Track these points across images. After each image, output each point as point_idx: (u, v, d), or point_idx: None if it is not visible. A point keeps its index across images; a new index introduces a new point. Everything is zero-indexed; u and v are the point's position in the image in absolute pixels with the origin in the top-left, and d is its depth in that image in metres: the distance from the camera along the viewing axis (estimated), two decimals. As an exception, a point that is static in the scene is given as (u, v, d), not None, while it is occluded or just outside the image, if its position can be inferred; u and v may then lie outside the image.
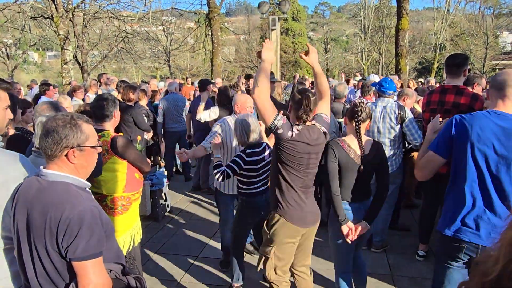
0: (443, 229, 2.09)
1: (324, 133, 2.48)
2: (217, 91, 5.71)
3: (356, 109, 2.57)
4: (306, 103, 2.37)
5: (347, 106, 5.24)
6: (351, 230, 2.56)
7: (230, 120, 3.54)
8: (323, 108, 2.60)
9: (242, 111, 3.45)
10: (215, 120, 4.95)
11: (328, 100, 2.64)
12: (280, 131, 2.30)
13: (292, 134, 2.33)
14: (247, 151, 2.95)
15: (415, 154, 4.43)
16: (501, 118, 1.97)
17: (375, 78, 7.02)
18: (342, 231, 2.56)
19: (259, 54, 2.40)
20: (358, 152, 2.58)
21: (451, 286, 2.11)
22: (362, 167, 2.57)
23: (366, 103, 2.59)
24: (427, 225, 3.88)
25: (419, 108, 4.85)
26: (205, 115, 5.05)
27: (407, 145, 4.15)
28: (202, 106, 5.15)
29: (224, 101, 5.06)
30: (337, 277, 2.84)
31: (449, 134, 2.09)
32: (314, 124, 2.46)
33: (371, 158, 2.60)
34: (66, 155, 1.52)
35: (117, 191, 2.65)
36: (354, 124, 2.59)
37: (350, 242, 2.59)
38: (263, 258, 2.63)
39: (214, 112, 5.00)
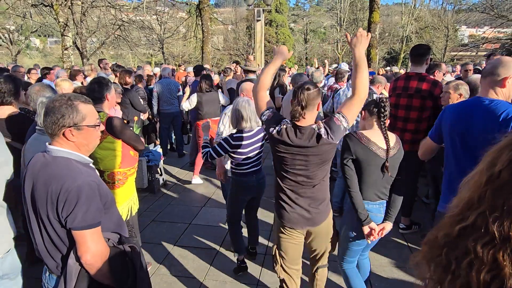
0: None
1: (319, 135, 1.95)
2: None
3: (383, 104, 2.12)
4: (299, 99, 1.96)
5: (324, 91, 5.25)
6: (373, 230, 2.15)
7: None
8: (345, 108, 2.01)
9: None
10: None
11: (356, 100, 1.99)
12: (264, 126, 2.10)
13: (273, 131, 2.01)
14: (234, 135, 2.80)
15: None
16: None
17: (345, 66, 7.04)
18: (362, 230, 2.16)
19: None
20: (382, 145, 2.12)
21: None
22: (387, 163, 2.10)
23: (340, 89, 2.29)
24: (406, 198, 3.97)
25: (386, 93, 4.89)
26: (186, 104, 5.23)
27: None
28: (185, 96, 5.23)
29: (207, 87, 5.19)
30: (343, 268, 2.45)
31: None
32: (309, 125, 1.98)
33: (396, 153, 2.15)
34: (64, 134, 1.48)
35: (113, 167, 2.60)
36: (379, 120, 2.14)
37: (369, 242, 2.22)
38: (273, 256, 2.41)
39: (192, 101, 5.15)
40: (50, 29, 20.70)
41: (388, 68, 11.12)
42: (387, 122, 2.17)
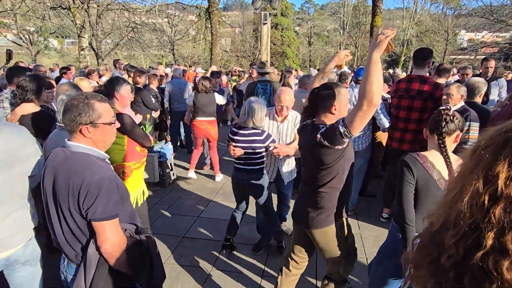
0: None
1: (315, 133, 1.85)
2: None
3: (439, 119, 1.69)
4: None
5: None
6: None
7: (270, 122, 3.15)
8: (348, 114, 1.71)
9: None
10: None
11: (359, 107, 1.59)
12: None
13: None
14: (232, 128, 2.94)
15: (380, 133, 4.47)
16: None
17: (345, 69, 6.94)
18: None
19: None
20: (445, 174, 1.68)
21: None
22: None
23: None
24: (391, 192, 3.97)
25: (384, 94, 4.87)
26: (189, 99, 5.24)
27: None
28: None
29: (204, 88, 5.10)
30: None
31: None
32: (318, 123, 1.91)
33: None
34: (81, 131, 1.49)
35: (118, 160, 2.62)
36: (436, 138, 1.71)
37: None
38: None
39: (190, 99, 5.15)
40: (67, 30, 20.85)
41: (390, 70, 11.01)
42: (451, 140, 1.69)
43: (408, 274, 0.71)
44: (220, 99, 5.27)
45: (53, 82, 3.80)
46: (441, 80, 3.75)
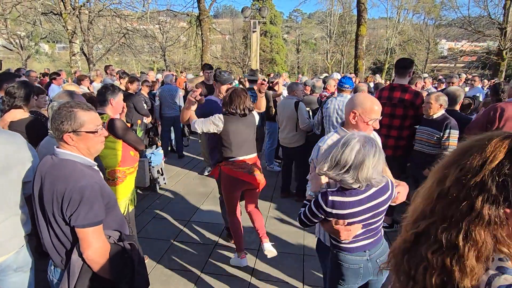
0: None
1: None
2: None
3: None
4: None
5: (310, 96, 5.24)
6: None
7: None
8: None
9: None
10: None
11: None
12: None
13: None
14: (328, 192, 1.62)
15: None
16: None
17: (337, 76, 7.04)
18: None
19: None
20: None
21: None
22: None
23: (328, 98, 1.83)
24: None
25: None
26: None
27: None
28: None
29: None
30: None
31: None
32: None
33: None
34: (63, 138, 1.48)
35: (113, 165, 2.62)
36: None
37: None
38: None
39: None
40: (58, 35, 20.54)
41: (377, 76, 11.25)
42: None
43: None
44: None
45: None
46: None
